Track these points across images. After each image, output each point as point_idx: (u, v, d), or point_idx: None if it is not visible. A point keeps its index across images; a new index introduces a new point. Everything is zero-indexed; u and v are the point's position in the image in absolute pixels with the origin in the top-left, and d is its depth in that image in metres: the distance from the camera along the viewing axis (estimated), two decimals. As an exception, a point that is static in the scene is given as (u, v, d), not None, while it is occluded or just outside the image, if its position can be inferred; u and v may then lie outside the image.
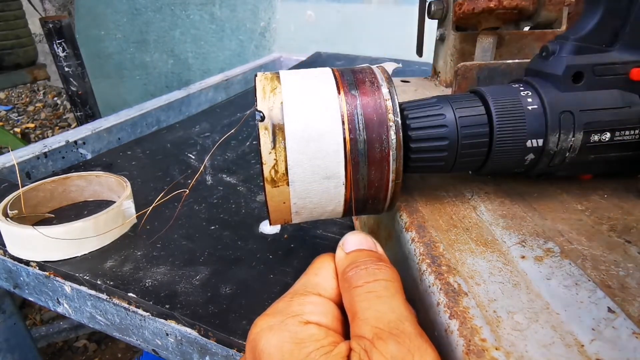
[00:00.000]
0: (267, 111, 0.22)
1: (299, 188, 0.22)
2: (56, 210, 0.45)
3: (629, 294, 0.19)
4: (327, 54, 1.14)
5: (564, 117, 0.24)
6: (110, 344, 1.02)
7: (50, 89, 2.63)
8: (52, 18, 1.00)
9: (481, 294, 0.19)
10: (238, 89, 0.94)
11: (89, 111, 1.08)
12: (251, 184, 0.52)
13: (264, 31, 1.50)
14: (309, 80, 0.23)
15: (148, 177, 0.53)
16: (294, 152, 0.21)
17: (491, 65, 0.34)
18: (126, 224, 0.41)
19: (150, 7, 1.50)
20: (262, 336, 0.18)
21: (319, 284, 0.21)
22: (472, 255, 0.22)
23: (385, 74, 0.24)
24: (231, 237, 0.41)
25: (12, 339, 0.52)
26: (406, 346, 0.16)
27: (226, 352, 0.30)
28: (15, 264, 0.39)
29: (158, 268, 0.36)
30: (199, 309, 0.32)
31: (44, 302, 0.40)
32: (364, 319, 0.18)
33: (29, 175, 0.55)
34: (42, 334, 0.94)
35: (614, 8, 0.25)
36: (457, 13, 0.39)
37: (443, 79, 0.48)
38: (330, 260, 0.22)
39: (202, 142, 0.64)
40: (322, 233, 0.42)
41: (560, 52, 0.25)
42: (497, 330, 0.17)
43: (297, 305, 0.19)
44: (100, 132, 0.63)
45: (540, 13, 0.39)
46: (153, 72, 1.60)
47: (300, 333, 0.18)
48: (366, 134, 0.22)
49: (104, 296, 0.35)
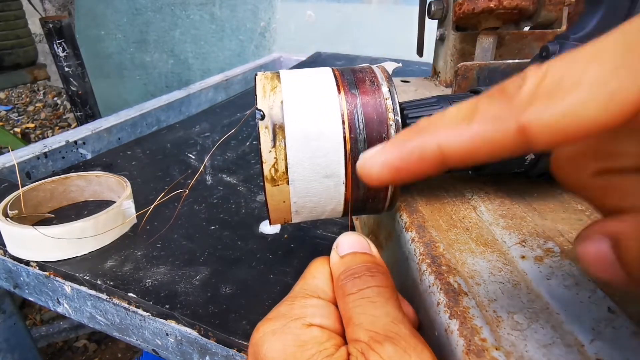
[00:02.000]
0: (267, 110, 0.22)
1: (299, 187, 0.22)
2: (56, 210, 0.45)
3: (629, 293, 0.19)
4: (327, 54, 1.14)
5: (564, 117, 0.24)
6: (110, 344, 1.02)
7: (50, 89, 2.63)
8: (52, 18, 1.00)
9: (481, 294, 0.19)
10: (238, 89, 0.94)
11: (89, 111, 1.08)
12: (251, 184, 0.52)
13: (264, 31, 1.50)
14: (309, 79, 0.23)
15: (148, 177, 0.53)
16: (294, 150, 0.21)
17: (491, 65, 0.34)
18: (126, 224, 0.41)
19: (150, 7, 1.50)
20: (265, 340, 0.18)
21: (318, 287, 0.21)
22: (472, 255, 0.21)
23: (385, 73, 0.24)
24: (231, 237, 0.41)
25: (12, 339, 0.52)
26: (402, 347, 0.16)
27: (226, 352, 0.30)
28: (15, 264, 0.39)
29: (158, 268, 0.36)
30: (199, 309, 0.32)
31: (44, 302, 0.40)
32: (358, 324, 0.18)
33: (29, 175, 0.55)
34: (42, 334, 0.94)
35: (614, 8, 0.25)
36: (457, 13, 0.39)
37: (443, 79, 0.48)
38: (325, 263, 0.22)
39: (202, 142, 0.64)
40: (322, 233, 0.42)
41: (560, 52, 0.25)
42: (497, 330, 0.17)
43: (299, 308, 0.19)
44: (100, 132, 0.63)
45: (540, 13, 0.39)
46: (153, 72, 1.60)
47: (303, 336, 0.18)
48: (366, 133, 0.22)
49: (104, 296, 0.35)
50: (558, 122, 0.11)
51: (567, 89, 0.11)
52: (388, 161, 0.15)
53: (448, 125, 0.13)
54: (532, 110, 0.11)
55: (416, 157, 0.14)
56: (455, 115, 0.13)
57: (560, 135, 0.11)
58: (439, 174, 0.14)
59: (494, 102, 0.12)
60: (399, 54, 0.92)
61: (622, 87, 0.10)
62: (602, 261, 0.14)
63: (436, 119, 0.14)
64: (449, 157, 0.13)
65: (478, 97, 0.13)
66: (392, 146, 0.15)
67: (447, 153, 0.13)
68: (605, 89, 0.11)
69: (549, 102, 0.11)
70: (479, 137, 0.13)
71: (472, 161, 0.13)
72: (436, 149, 0.13)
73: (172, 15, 1.50)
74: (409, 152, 0.14)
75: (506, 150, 0.12)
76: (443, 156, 0.13)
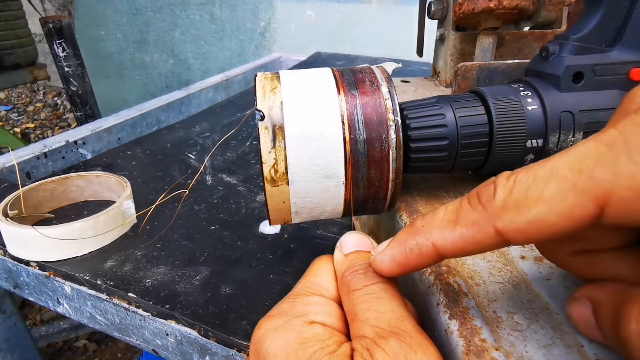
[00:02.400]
0: (267, 111, 0.22)
1: (299, 187, 0.22)
2: (56, 210, 0.45)
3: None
4: (327, 54, 1.14)
5: (564, 118, 0.24)
6: (110, 344, 1.02)
7: (50, 89, 2.63)
8: (52, 18, 1.00)
9: (481, 294, 0.19)
10: (238, 89, 0.94)
11: (89, 111, 1.08)
12: (251, 184, 0.52)
13: (264, 31, 1.50)
14: (308, 79, 0.23)
15: (148, 177, 0.53)
16: (294, 151, 0.21)
17: (491, 65, 0.34)
18: (126, 224, 0.41)
19: (150, 7, 1.50)
20: (267, 337, 0.18)
21: (320, 285, 0.21)
22: (472, 256, 0.21)
23: (385, 73, 0.24)
24: (231, 237, 0.41)
25: (12, 339, 0.52)
26: (408, 343, 0.16)
27: (226, 352, 0.30)
28: (15, 264, 0.39)
29: (158, 268, 0.36)
30: (199, 309, 0.32)
31: (44, 302, 0.40)
32: (363, 320, 0.18)
33: (29, 175, 0.55)
34: (42, 334, 0.94)
35: (615, 8, 0.25)
36: (457, 13, 0.39)
37: (443, 79, 0.48)
38: (329, 261, 0.22)
39: (202, 142, 0.64)
40: (322, 233, 0.42)
41: (560, 52, 0.25)
42: (497, 331, 0.17)
43: (301, 305, 0.19)
44: (100, 132, 0.63)
45: (540, 13, 0.39)
46: (153, 72, 1.60)
47: (305, 333, 0.18)
48: (366, 134, 0.22)
49: (104, 296, 0.35)
50: (527, 228, 0.14)
51: (532, 202, 0.14)
52: (395, 258, 0.18)
53: (438, 227, 0.16)
54: (504, 219, 0.14)
55: (416, 254, 0.17)
56: (442, 219, 0.16)
57: (531, 236, 0.14)
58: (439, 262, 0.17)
59: (473, 209, 0.15)
60: (399, 54, 0.92)
61: (576, 203, 0.13)
62: (585, 322, 0.16)
63: (428, 220, 0.17)
64: (443, 251, 0.16)
65: (461, 201, 0.16)
66: (397, 244, 0.18)
67: (440, 249, 0.16)
68: (563, 204, 0.13)
69: (517, 212, 0.14)
70: (464, 239, 0.15)
71: (463, 254, 0.16)
72: (431, 247, 0.16)
73: (172, 15, 1.50)
74: (410, 251, 0.17)
75: (488, 246, 0.15)
76: (437, 251, 0.16)
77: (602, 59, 0.24)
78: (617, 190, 0.12)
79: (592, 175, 0.13)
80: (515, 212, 0.14)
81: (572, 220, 0.13)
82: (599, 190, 0.13)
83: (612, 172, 0.12)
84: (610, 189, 0.12)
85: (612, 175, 0.12)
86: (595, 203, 0.13)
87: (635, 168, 0.12)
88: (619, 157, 0.12)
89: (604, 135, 0.13)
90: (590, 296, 0.16)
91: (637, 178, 0.12)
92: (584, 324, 0.16)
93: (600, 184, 0.13)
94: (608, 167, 0.12)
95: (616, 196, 0.12)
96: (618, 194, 0.12)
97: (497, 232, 0.14)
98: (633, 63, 0.24)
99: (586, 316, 0.16)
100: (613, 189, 0.12)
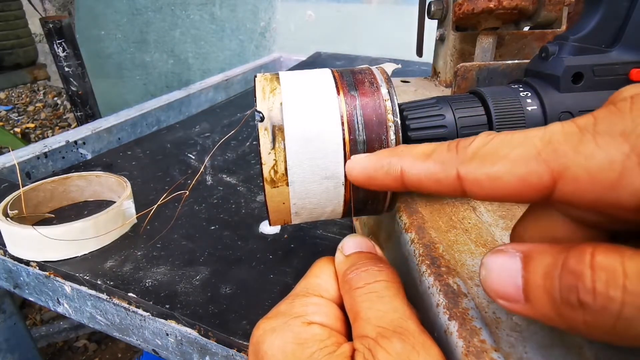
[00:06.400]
0: (267, 112, 0.22)
1: (299, 188, 0.22)
2: (56, 210, 0.45)
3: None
4: (327, 54, 1.14)
5: (563, 118, 0.24)
6: (110, 344, 1.02)
7: (50, 89, 2.63)
8: (52, 18, 1.00)
9: (480, 295, 0.19)
10: (238, 89, 0.94)
11: (89, 111, 1.08)
12: (251, 184, 0.52)
13: (264, 31, 1.50)
14: (308, 80, 0.23)
15: (148, 177, 0.53)
16: (294, 152, 0.21)
17: (491, 65, 0.34)
18: (126, 224, 0.41)
19: (150, 7, 1.50)
20: (265, 338, 0.18)
21: (320, 286, 0.21)
22: (472, 256, 0.22)
23: (384, 74, 0.24)
24: (231, 237, 0.41)
25: (12, 339, 0.52)
26: (410, 343, 0.16)
27: (226, 352, 0.30)
28: (15, 264, 0.39)
29: (158, 268, 0.36)
30: (199, 309, 0.32)
31: (44, 302, 0.40)
32: (366, 319, 0.17)
33: (29, 175, 0.55)
34: (42, 334, 0.94)
35: (614, 8, 0.25)
36: (457, 13, 0.39)
37: (443, 79, 0.48)
38: (329, 263, 0.22)
39: (202, 142, 0.64)
40: (322, 233, 0.42)
41: (559, 52, 0.25)
42: (497, 332, 0.17)
43: (300, 306, 0.19)
44: (100, 132, 0.63)
45: (540, 13, 0.39)
46: (153, 72, 1.60)
47: (303, 333, 0.18)
48: (365, 135, 0.22)
49: (104, 296, 0.35)
50: (483, 181, 0.14)
51: (497, 158, 0.14)
52: (366, 168, 0.19)
53: (413, 156, 0.17)
54: (468, 166, 0.15)
55: (384, 172, 0.18)
56: (419, 151, 0.17)
57: (486, 191, 0.14)
58: (399, 191, 0.18)
59: (448, 151, 0.16)
60: (398, 54, 0.92)
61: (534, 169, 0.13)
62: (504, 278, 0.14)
63: (409, 149, 0.18)
64: (406, 179, 0.17)
65: (441, 143, 0.17)
66: (374, 157, 0.19)
67: (405, 177, 0.17)
68: (523, 168, 0.13)
69: (481, 164, 0.14)
70: (428, 172, 0.16)
71: (422, 189, 0.17)
72: (399, 171, 0.17)
73: (172, 15, 1.50)
74: (381, 167, 0.18)
75: (445, 189, 0.16)
76: (402, 177, 0.17)
77: (602, 60, 0.24)
78: (572, 167, 0.13)
79: (556, 149, 0.13)
80: (480, 162, 0.14)
81: (525, 185, 0.13)
82: (557, 163, 0.13)
83: (573, 149, 0.13)
84: (567, 165, 0.13)
85: (572, 152, 0.13)
86: (551, 175, 0.13)
87: (595, 149, 0.12)
88: (584, 137, 0.13)
89: (580, 119, 0.14)
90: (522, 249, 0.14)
91: (594, 159, 0.12)
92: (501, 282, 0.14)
93: (560, 158, 0.13)
94: (572, 144, 0.13)
95: (571, 172, 0.13)
96: (573, 170, 0.13)
97: (458, 176, 0.15)
98: (633, 63, 0.24)
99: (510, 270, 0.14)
100: (570, 166, 0.13)
